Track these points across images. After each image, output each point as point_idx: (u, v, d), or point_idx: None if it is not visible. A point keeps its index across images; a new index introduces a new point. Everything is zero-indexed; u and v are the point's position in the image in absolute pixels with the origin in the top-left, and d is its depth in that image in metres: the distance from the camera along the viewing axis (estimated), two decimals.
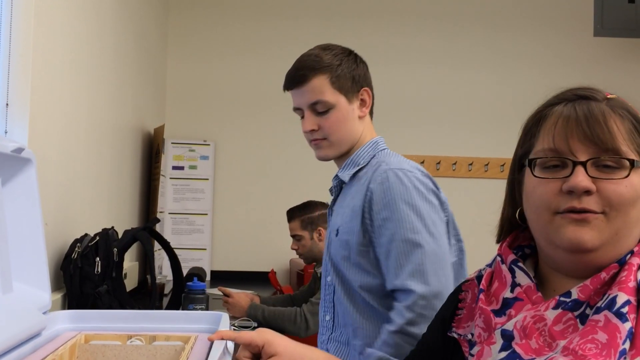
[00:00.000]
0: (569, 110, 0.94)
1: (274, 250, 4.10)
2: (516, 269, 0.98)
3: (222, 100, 4.20)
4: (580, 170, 0.91)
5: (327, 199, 3.15)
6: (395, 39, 4.31)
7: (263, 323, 2.68)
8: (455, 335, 1.02)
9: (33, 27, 1.61)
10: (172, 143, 4.04)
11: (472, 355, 0.96)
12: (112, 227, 1.97)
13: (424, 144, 4.26)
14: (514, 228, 1.03)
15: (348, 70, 1.65)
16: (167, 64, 4.18)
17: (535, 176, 0.94)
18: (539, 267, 1.00)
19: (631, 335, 0.85)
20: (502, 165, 4.20)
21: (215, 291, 3.03)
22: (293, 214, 3.01)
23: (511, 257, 0.99)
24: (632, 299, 0.86)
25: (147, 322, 1.12)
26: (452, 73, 4.24)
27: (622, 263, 0.90)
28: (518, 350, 0.90)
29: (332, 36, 4.27)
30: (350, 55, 1.69)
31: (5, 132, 1.56)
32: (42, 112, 1.71)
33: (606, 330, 0.85)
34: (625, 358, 0.84)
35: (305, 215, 2.96)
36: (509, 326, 0.92)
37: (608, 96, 0.97)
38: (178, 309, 2.32)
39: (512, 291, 0.96)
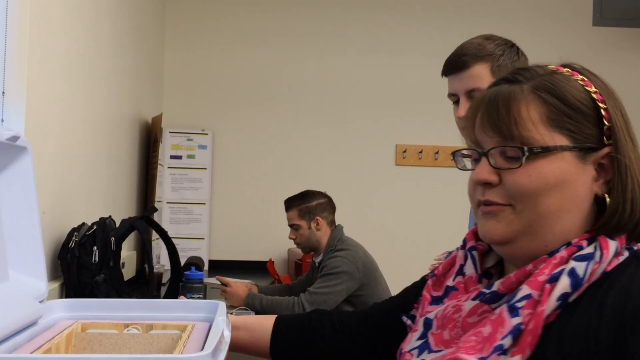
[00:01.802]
0: (483, 97, 0.90)
1: (271, 240, 4.10)
2: (469, 257, 0.94)
3: (220, 90, 4.19)
4: (483, 161, 0.87)
5: (325, 188, 3.16)
6: (394, 29, 4.30)
7: (261, 312, 2.68)
8: (404, 318, 1.02)
9: (29, 15, 1.60)
10: (170, 132, 4.03)
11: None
12: (110, 216, 1.97)
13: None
14: None
15: (510, 62, 1.61)
16: (164, 53, 4.16)
17: (461, 169, 0.93)
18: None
19: (517, 331, 0.78)
20: None
21: (213, 280, 3.04)
22: (291, 203, 3.01)
23: (471, 243, 0.96)
24: (536, 294, 0.80)
25: (144, 311, 1.11)
26: None
27: (552, 254, 0.83)
28: (430, 340, 0.88)
29: (330, 26, 4.27)
30: (512, 47, 1.65)
31: (2, 121, 1.55)
32: (39, 101, 1.70)
33: (493, 323, 0.80)
34: (500, 354, 0.78)
35: (303, 204, 2.97)
36: (431, 315, 0.91)
37: (555, 69, 0.89)
38: (176, 298, 2.32)
39: (454, 279, 0.94)
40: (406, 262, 3.63)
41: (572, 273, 0.80)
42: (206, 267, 3.89)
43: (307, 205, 2.96)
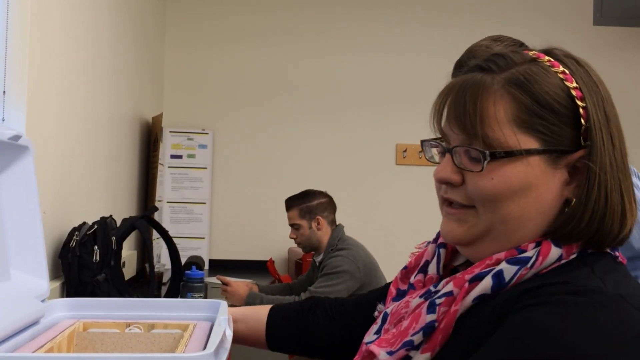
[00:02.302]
0: (453, 85, 0.82)
1: (272, 239, 4.11)
2: (436, 254, 0.90)
3: (221, 89, 4.19)
4: (447, 158, 0.81)
5: (325, 187, 3.16)
6: (395, 29, 4.30)
7: None
8: (378, 308, 1.01)
9: (30, 15, 1.60)
10: (170, 132, 4.03)
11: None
12: (111, 216, 1.97)
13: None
14: None
15: None
16: (165, 52, 4.16)
17: (429, 160, 0.89)
18: None
19: (429, 328, 0.76)
20: None
21: (214, 280, 3.04)
22: (291, 203, 3.01)
23: (442, 239, 0.90)
24: (456, 291, 0.76)
25: (146, 310, 1.12)
26: (451, 63, 4.22)
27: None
28: (383, 335, 0.86)
29: (330, 26, 4.27)
30: (521, 47, 1.59)
31: (3, 120, 1.55)
32: (40, 100, 1.70)
33: (412, 318, 0.78)
34: (410, 349, 0.76)
35: (303, 204, 2.96)
36: (389, 310, 0.89)
37: (536, 57, 0.82)
38: (176, 297, 2.32)
39: (414, 277, 0.91)
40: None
41: (498, 275, 0.75)
42: (207, 266, 3.89)
43: (307, 204, 2.96)
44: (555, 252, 0.76)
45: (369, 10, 4.30)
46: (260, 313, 1.19)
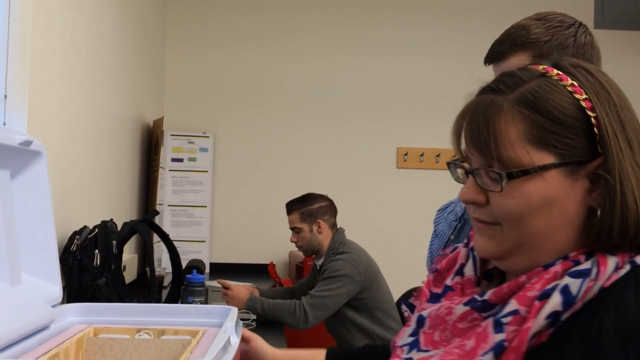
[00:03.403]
0: (467, 108, 0.85)
1: (273, 243, 4.10)
2: (471, 257, 0.92)
3: (222, 92, 4.19)
4: (470, 180, 0.84)
5: (326, 191, 3.16)
6: (396, 31, 4.30)
7: (262, 316, 2.68)
8: (403, 308, 1.01)
9: (31, 19, 1.60)
10: (171, 135, 4.03)
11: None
12: (111, 220, 1.97)
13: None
14: None
15: (558, 49, 1.38)
16: (166, 56, 4.17)
17: (456, 180, 0.90)
18: None
19: (500, 348, 0.75)
20: None
21: (215, 284, 3.03)
22: (292, 206, 3.01)
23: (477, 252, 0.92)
24: (523, 310, 0.76)
25: (157, 316, 1.12)
26: (452, 66, 4.23)
27: (547, 267, 0.79)
28: (421, 338, 0.87)
29: (331, 28, 4.27)
30: (569, 28, 1.42)
31: (4, 124, 1.55)
32: (41, 104, 1.70)
33: (477, 337, 0.78)
34: None
35: (304, 207, 2.96)
36: (425, 312, 0.89)
37: (545, 72, 0.83)
38: (177, 301, 2.32)
39: (452, 279, 0.91)
40: (407, 265, 3.62)
41: (565, 290, 0.75)
42: (207, 270, 3.89)
43: (308, 208, 2.95)
44: (612, 261, 0.77)
45: (370, 13, 4.30)
46: (316, 359, 1.18)
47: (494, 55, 1.49)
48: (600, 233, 0.79)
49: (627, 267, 0.77)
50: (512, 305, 0.77)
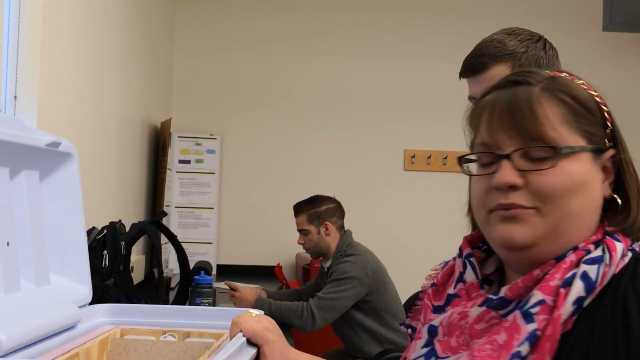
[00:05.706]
0: (495, 99, 0.88)
1: (280, 245, 4.10)
2: (467, 264, 0.93)
3: (229, 94, 4.20)
4: (505, 164, 0.84)
5: (333, 193, 3.16)
6: (403, 34, 4.30)
7: (269, 317, 2.68)
8: (403, 328, 1.02)
9: (41, 21, 1.61)
10: (178, 137, 4.04)
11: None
12: (120, 221, 1.97)
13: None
14: None
15: (534, 59, 1.48)
16: (173, 58, 4.18)
17: (468, 174, 0.90)
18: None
19: (534, 337, 0.77)
20: None
21: (222, 285, 3.04)
22: (300, 208, 3.01)
23: (467, 250, 0.94)
24: (549, 299, 0.78)
25: (183, 318, 1.13)
26: (456, 68, 4.22)
27: (559, 259, 0.82)
28: (437, 347, 0.87)
29: (339, 31, 4.28)
30: (539, 41, 1.52)
31: None
32: (50, 105, 1.71)
33: (508, 330, 0.79)
34: None
35: (312, 209, 2.96)
36: (436, 322, 0.89)
37: (554, 74, 0.89)
38: (185, 303, 2.32)
39: (455, 287, 0.92)
40: (415, 267, 3.61)
41: (585, 277, 0.79)
42: (214, 271, 3.89)
43: (316, 210, 2.95)
44: (619, 247, 0.82)
45: (377, 15, 4.30)
46: None
47: (474, 67, 1.53)
48: (625, 217, 0.85)
49: (629, 255, 0.83)
50: (538, 295, 0.79)
